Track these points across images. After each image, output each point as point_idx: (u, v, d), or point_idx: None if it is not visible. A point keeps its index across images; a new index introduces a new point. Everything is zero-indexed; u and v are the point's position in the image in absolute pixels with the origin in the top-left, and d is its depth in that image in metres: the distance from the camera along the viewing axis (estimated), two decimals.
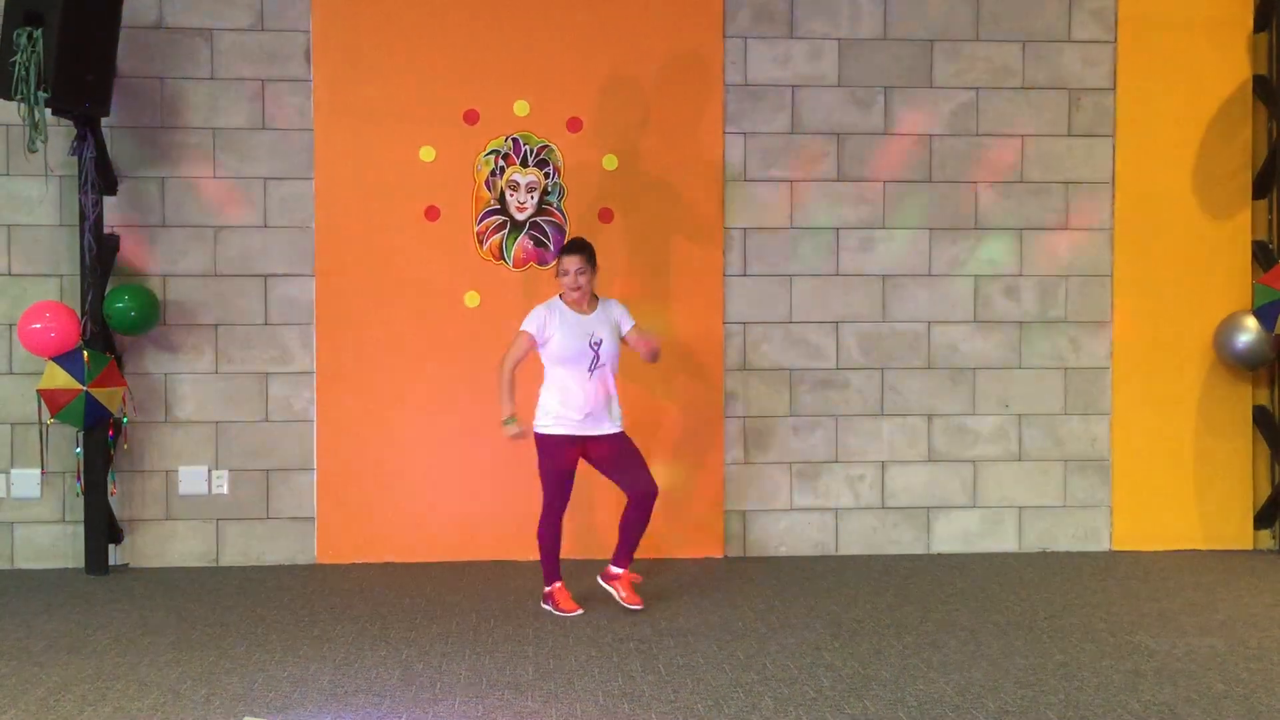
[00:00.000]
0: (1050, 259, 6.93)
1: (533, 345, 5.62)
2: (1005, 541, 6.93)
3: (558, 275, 5.64)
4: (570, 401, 5.54)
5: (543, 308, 5.65)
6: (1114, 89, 6.92)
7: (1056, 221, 6.94)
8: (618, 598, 5.63)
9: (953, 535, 6.91)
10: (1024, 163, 6.92)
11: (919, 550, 6.89)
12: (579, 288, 5.57)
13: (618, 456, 5.64)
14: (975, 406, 6.91)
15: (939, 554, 6.88)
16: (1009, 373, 6.93)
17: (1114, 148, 6.93)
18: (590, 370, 5.55)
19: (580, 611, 5.55)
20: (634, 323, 5.71)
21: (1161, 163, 6.92)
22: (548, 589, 5.66)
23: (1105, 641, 5.14)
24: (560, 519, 5.67)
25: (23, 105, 5.83)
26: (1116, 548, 6.96)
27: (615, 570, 5.69)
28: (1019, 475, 6.94)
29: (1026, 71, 6.90)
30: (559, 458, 5.58)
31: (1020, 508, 6.94)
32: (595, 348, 5.55)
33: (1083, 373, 6.96)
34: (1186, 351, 6.95)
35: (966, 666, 4.77)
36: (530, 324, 5.62)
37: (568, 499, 5.67)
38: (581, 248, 5.62)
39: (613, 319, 5.67)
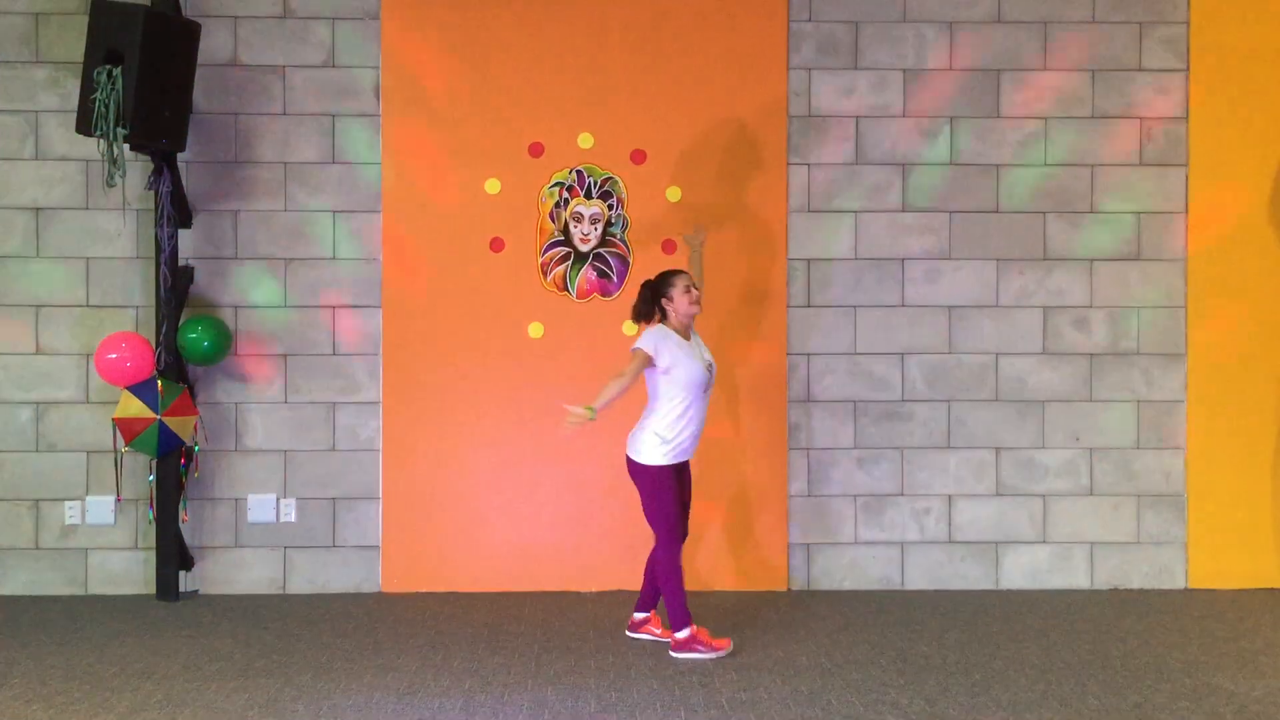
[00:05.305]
0: (1122, 290, 6.82)
1: (647, 366, 5.39)
2: (1076, 578, 6.79)
3: (675, 296, 5.47)
4: (688, 428, 5.43)
5: (655, 332, 5.45)
6: (1187, 118, 6.81)
7: (1128, 252, 6.83)
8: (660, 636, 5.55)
9: (1021, 571, 6.79)
10: (1094, 192, 6.83)
11: (987, 586, 6.78)
12: (699, 303, 5.56)
13: (688, 486, 5.67)
14: (1044, 440, 6.80)
15: (1007, 590, 6.76)
16: (1079, 405, 6.81)
17: (1187, 177, 6.82)
18: (705, 392, 5.50)
19: (730, 647, 5.42)
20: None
21: (1237, 192, 6.79)
22: (685, 633, 5.37)
23: (1181, 682, 5.00)
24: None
25: (102, 141, 6.00)
26: (1192, 585, 6.78)
27: (644, 615, 5.65)
28: (1090, 510, 6.80)
29: (1096, 101, 6.82)
30: (677, 486, 5.49)
31: (1091, 543, 6.81)
32: (710, 370, 5.54)
33: (1156, 406, 6.82)
34: (1264, 385, 6.79)
35: (1036, 706, 4.67)
36: (646, 342, 5.38)
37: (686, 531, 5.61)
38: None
39: (704, 345, 5.66)
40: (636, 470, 5.45)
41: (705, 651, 5.35)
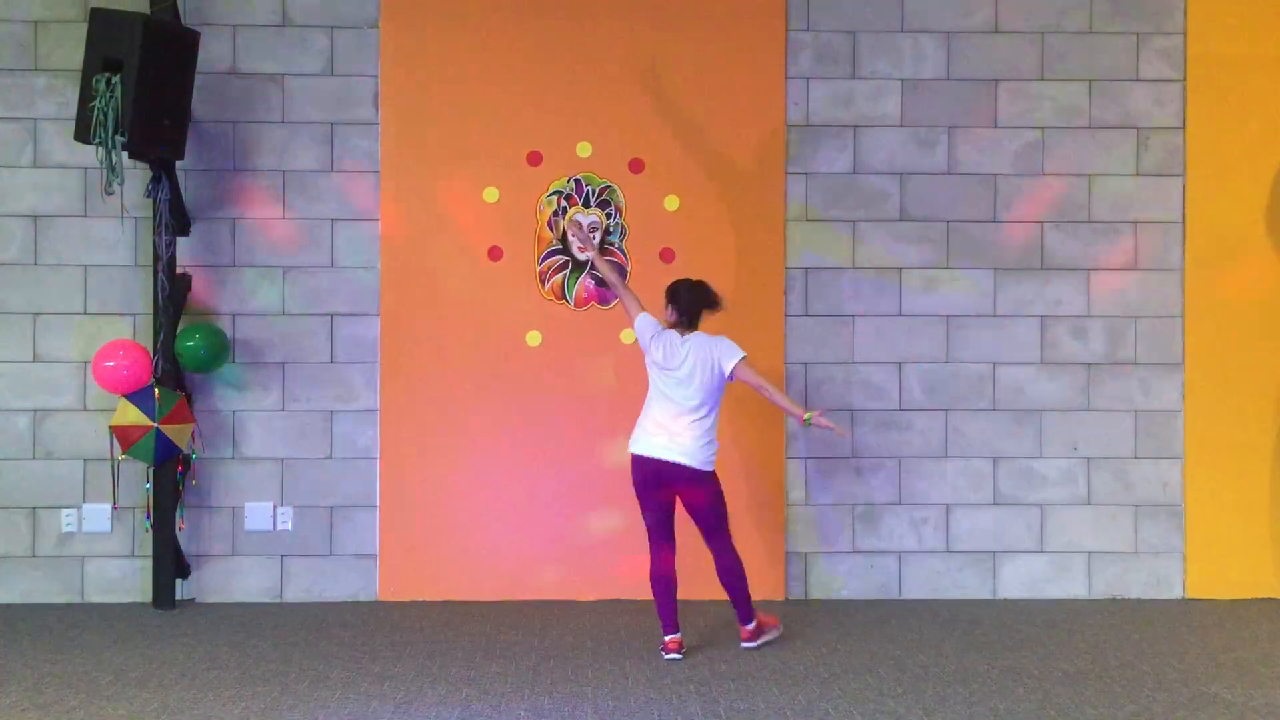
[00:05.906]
0: (1119, 300, 6.83)
1: None
2: (1074, 587, 6.79)
3: (714, 311, 5.64)
4: None
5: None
6: (1183, 128, 6.83)
7: (1125, 262, 6.84)
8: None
9: (1019, 580, 6.78)
10: (1091, 202, 6.84)
11: (984, 595, 6.77)
12: None
13: None
14: (1042, 449, 6.80)
15: (1005, 599, 6.75)
16: (1077, 415, 6.81)
17: (1184, 187, 6.83)
18: None
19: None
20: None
21: (1233, 202, 6.80)
22: (754, 624, 5.64)
23: (1179, 692, 5.00)
24: None
25: (100, 149, 6.00)
26: (1190, 595, 6.78)
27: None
28: (1088, 520, 6.80)
29: (1093, 111, 6.83)
30: None
31: (1089, 553, 6.80)
32: None
33: (1154, 415, 6.82)
34: (1261, 394, 6.80)
35: (1034, 716, 4.67)
36: (740, 348, 5.58)
37: None
38: None
39: None
40: (708, 479, 5.54)
41: (772, 632, 5.70)
